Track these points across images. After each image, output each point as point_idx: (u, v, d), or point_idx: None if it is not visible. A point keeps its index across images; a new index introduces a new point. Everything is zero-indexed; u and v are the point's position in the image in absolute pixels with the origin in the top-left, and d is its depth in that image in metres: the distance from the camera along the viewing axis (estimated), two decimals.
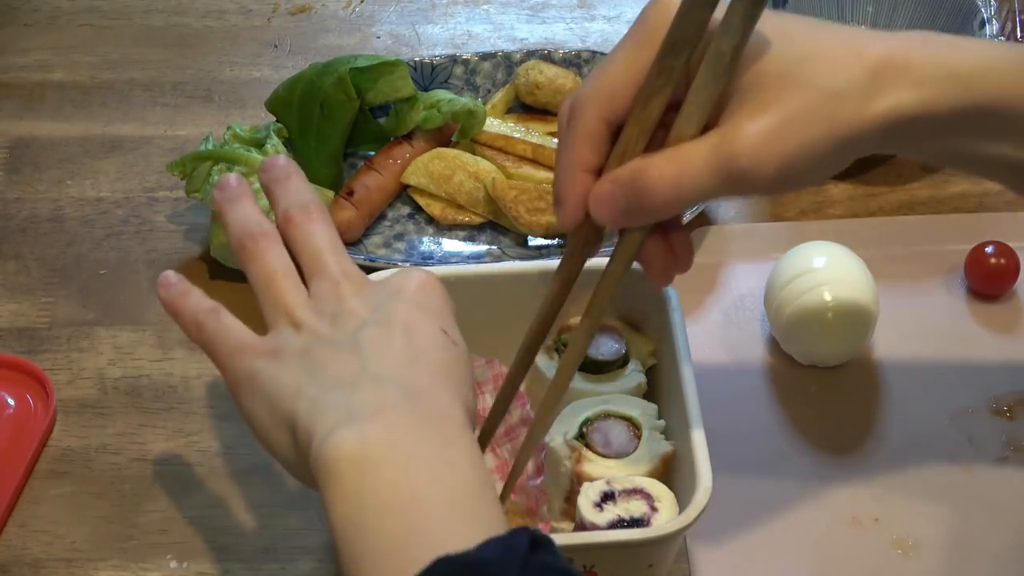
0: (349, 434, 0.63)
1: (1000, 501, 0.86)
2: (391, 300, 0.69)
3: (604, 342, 0.86)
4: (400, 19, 1.23)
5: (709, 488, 0.75)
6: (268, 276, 0.71)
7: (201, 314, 0.72)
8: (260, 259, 0.72)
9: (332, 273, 0.71)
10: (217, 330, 0.71)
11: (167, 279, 0.74)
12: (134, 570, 0.85)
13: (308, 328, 0.69)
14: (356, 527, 0.61)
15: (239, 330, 0.71)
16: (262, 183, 0.77)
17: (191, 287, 0.74)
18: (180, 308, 0.73)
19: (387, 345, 0.67)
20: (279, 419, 0.67)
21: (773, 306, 0.93)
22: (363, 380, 0.66)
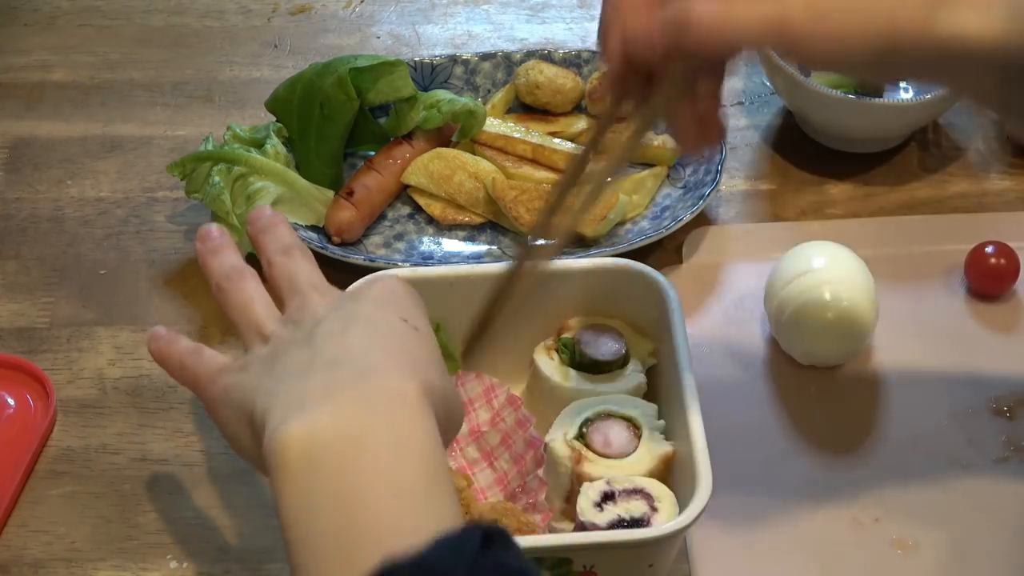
0: (297, 424, 0.62)
1: (1000, 501, 0.86)
2: (351, 300, 0.71)
3: (604, 342, 0.86)
4: (400, 19, 1.23)
5: (709, 488, 0.75)
6: (243, 304, 0.74)
7: (186, 356, 0.74)
8: (236, 292, 0.74)
9: (301, 287, 0.73)
10: (197, 364, 0.73)
11: (158, 333, 0.77)
12: (134, 570, 0.85)
13: (274, 336, 0.71)
14: (304, 522, 0.60)
15: (216, 358, 0.73)
16: (250, 236, 0.78)
17: (181, 337, 0.76)
18: (167, 355, 0.76)
19: (341, 334, 0.68)
20: (243, 419, 0.68)
21: (773, 306, 0.93)
22: (316, 366, 0.66)
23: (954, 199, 1.06)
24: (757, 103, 1.14)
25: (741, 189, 1.07)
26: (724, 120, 0.76)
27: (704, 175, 1.03)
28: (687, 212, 1.00)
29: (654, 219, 1.02)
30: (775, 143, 1.11)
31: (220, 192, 0.99)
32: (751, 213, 1.05)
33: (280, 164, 1.02)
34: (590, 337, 0.86)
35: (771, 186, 1.07)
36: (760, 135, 1.11)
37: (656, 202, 1.04)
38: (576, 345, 0.86)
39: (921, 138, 1.10)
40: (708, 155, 1.04)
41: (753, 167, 1.09)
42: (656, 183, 1.05)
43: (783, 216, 1.05)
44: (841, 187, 1.07)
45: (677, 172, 1.06)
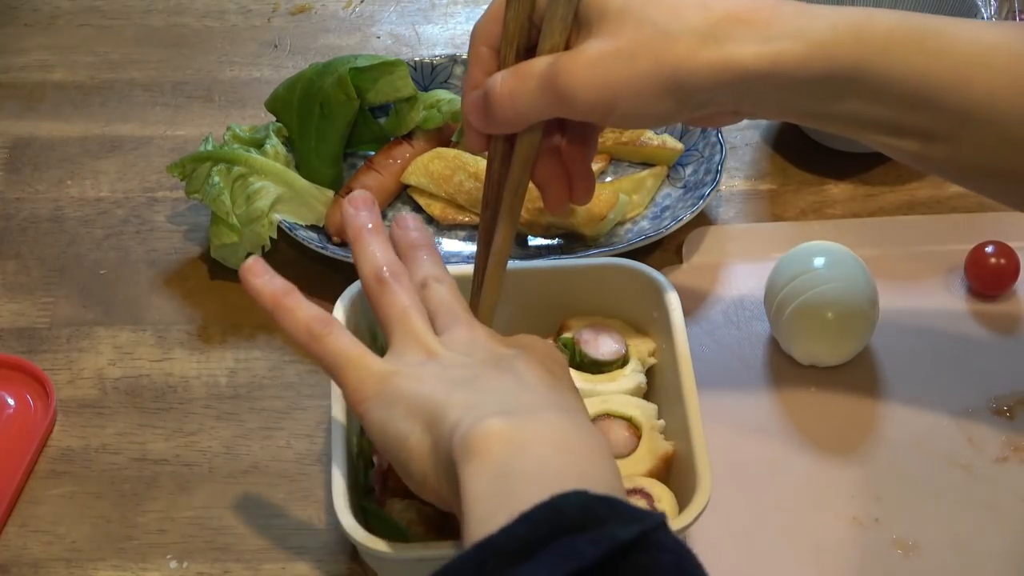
0: (503, 420, 0.63)
1: (1000, 501, 0.86)
2: (526, 349, 0.72)
3: (604, 342, 0.86)
4: (400, 19, 1.23)
5: (709, 488, 0.75)
6: (403, 311, 0.73)
7: (316, 324, 0.72)
8: (398, 294, 0.74)
9: (466, 321, 0.74)
10: (338, 350, 0.72)
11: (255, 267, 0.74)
12: (134, 570, 0.85)
13: (443, 356, 0.71)
14: (493, 491, 0.60)
15: (362, 352, 0.72)
16: (394, 237, 0.78)
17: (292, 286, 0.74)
18: (288, 309, 0.73)
19: (539, 370, 0.69)
20: (418, 420, 0.67)
21: (773, 306, 0.93)
22: (514, 390, 0.67)
23: (954, 199, 1.06)
24: None
25: (741, 189, 1.07)
26: (590, 179, 0.79)
27: (704, 175, 1.03)
28: (687, 212, 1.00)
29: (654, 219, 1.02)
30: (775, 143, 1.11)
31: (220, 192, 0.99)
32: (751, 213, 1.05)
33: (280, 164, 1.02)
34: (590, 337, 0.86)
35: (771, 186, 1.07)
36: (760, 135, 1.11)
37: (656, 202, 1.04)
38: (576, 345, 0.86)
39: None
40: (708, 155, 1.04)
41: (753, 167, 1.09)
42: (656, 183, 1.05)
43: (783, 216, 1.05)
44: (841, 187, 1.07)
45: (677, 172, 1.06)
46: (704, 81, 0.69)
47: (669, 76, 0.69)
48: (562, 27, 0.72)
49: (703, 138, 1.06)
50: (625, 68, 0.69)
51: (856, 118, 0.71)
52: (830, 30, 0.69)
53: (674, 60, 0.69)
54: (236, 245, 0.98)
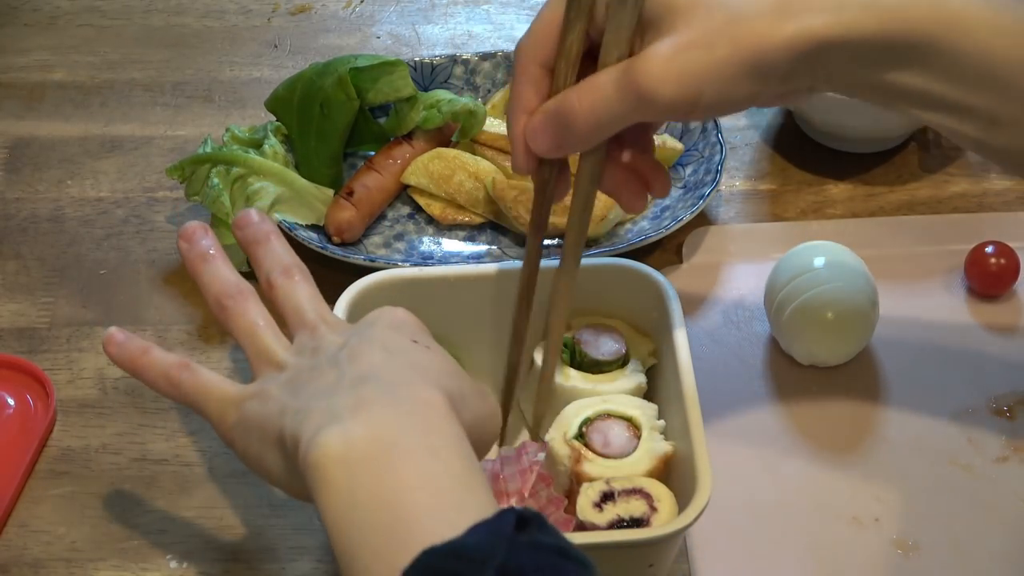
0: (333, 434, 0.63)
1: (1000, 501, 0.86)
2: (365, 328, 0.72)
3: (604, 342, 0.86)
4: (400, 19, 1.23)
5: (709, 488, 0.75)
6: (250, 329, 0.74)
7: (173, 371, 0.74)
8: (241, 315, 0.75)
9: (311, 320, 0.74)
10: (196, 387, 0.74)
11: (113, 337, 0.76)
12: (134, 570, 0.85)
13: (290, 364, 0.72)
14: (348, 525, 0.62)
15: (219, 384, 0.73)
16: (238, 240, 0.79)
17: (148, 344, 0.76)
18: (143, 368, 0.75)
19: (363, 354, 0.69)
20: (269, 442, 0.69)
21: (773, 306, 0.93)
22: (343, 385, 0.67)
23: (954, 199, 1.06)
24: None
25: (741, 189, 1.07)
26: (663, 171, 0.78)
27: (704, 175, 1.03)
28: (687, 212, 1.00)
29: (654, 219, 1.02)
30: (775, 143, 1.11)
31: (219, 194, 0.99)
32: (751, 213, 1.05)
33: (279, 164, 1.02)
34: (590, 337, 0.86)
35: (771, 186, 1.07)
36: (760, 135, 1.11)
37: (656, 202, 1.04)
38: (576, 345, 0.86)
39: (921, 138, 1.10)
40: (708, 155, 1.04)
41: (753, 167, 1.09)
42: None
43: (783, 216, 1.05)
44: (841, 187, 1.07)
45: (677, 172, 1.06)
46: (784, 56, 0.68)
47: (750, 57, 0.68)
48: (628, 35, 0.71)
49: (703, 138, 1.06)
50: (705, 57, 0.68)
51: (923, 95, 0.70)
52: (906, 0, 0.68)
53: (752, 40, 0.68)
54: (237, 246, 0.98)
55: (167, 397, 0.75)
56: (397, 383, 0.67)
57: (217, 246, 0.78)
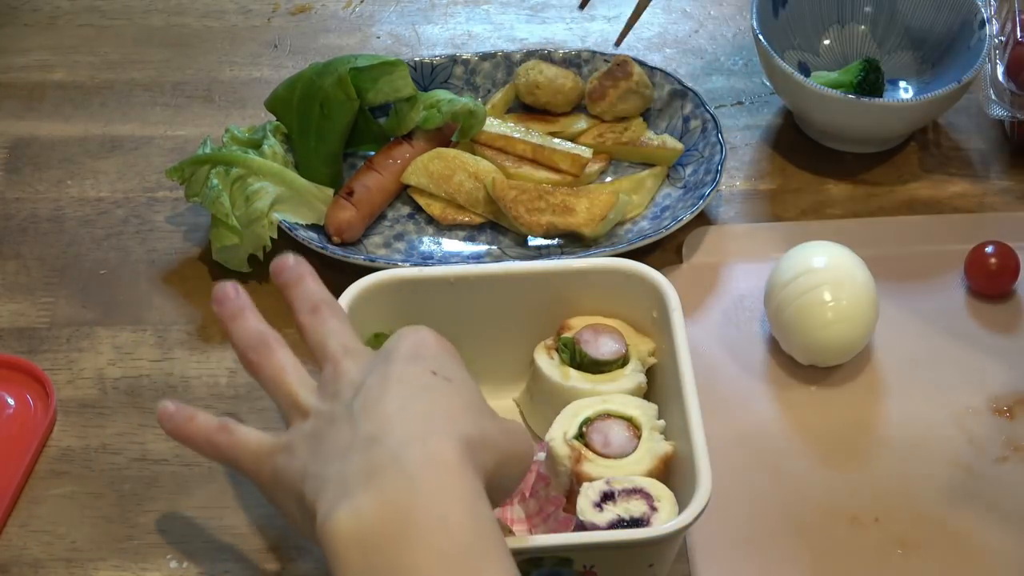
0: (344, 512, 0.64)
1: (1000, 501, 0.86)
2: (384, 362, 0.72)
3: (604, 342, 0.86)
4: (400, 19, 1.23)
5: (709, 488, 0.75)
6: (275, 377, 0.75)
7: (213, 435, 0.75)
8: (266, 364, 0.75)
9: (333, 353, 0.74)
10: (233, 445, 0.75)
11: (166, 410, 0.77)
12: (134, 570, 0.85)
13: (314, 411, 0.72)
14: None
15: (255, 439, 0.74)
16: (278, 286, 0.79)
17: (194, 411, 0.77)
18: (190, 435, 0.76)
19: (377, 404, 0.69)
20: (294, 502, 0.70)
21: (773, 306, 0.93)
22: (355, 447, 0.67)
23: (954, 199, 1.06)
24: (757, 103, 1.14)
25: (741, 189, 1.07)
26: None
27: (704, 175, 1.03)
28: (687, 212, 1.00)
29: (654, 219, 1.02)
30: (775, 143, 1.11)
31: (219, 195, 0.99)
32: (751, 213, 1.05)
33: (278, 163, 1.02)
34: (590, 337, 0.86)
35: (771, 186, 1.07)
36: (760, 135, 1.11)
37: (656, 202, 1.04)
38: (576, 345, 0.86)
39: (921, 138, 1.10)
40: (708, 155, 1.04)
41: (753, 167, 1.09)
42: (656, 183, 1.05)
43: (783, 216, 1.05)
44: (841, 187, 1.07)
45: (677, 172, 1.06)
46: None
47: None
48: None
49: (703, 138, 1.06)
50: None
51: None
52: None
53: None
54: (237, 247, 0.98)
55: (213, 460, 0.77)
56: (409, 441, 0.66)
57: (248, 302, 0.78)
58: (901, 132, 1.08)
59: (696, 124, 1.07)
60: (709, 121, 1.06)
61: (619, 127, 1.07)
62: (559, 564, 0.76)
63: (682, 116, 1.08)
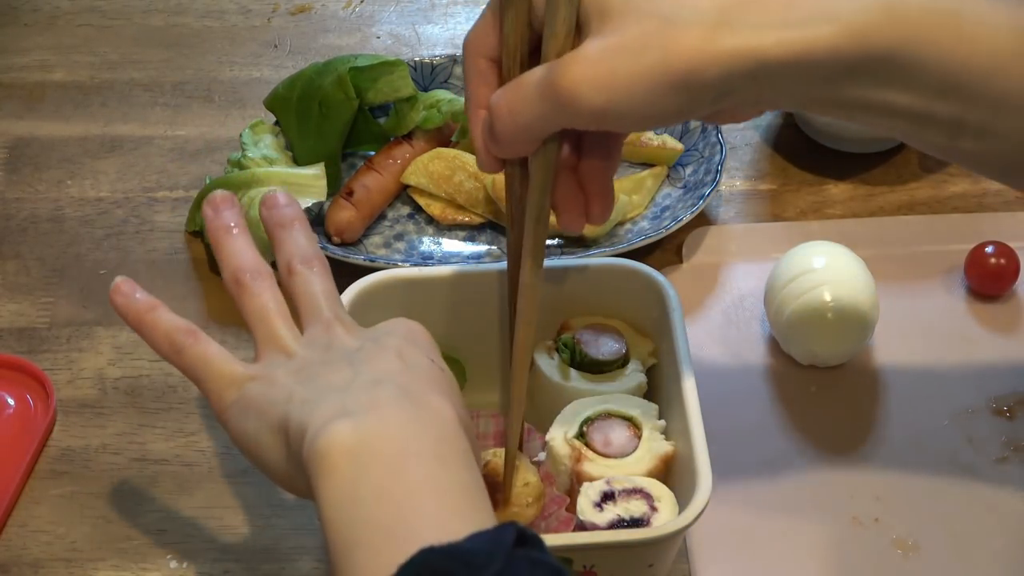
0: (344, 425, 0.63)
1: (1000, 501, 0.86)
2: (382, 335, 0.71)
3: (604, 342, 0.86)
4: (400, 19, 1.23)
5: (709, 488, 0.75)
6: (262, 311, 0.72)
7: (177, 335, 0.72)
8: (256, 296, 0.73)
9: (325, 317, 0.72)
10: (199, 356, 0.72)
11: (120, 287, 0.74)
12: (134, 570, 0.85)
13: (300, 355, 0.70)
14: (348, 517, 0.61)
15: (222, 359, 0.71)
16: (263, 218, 0.77)
17: (157, 301, 0.74)
18: (150, 325, 0.73)
19: (380, 359, 0.68)
20: (268, 426, 0.68)
21: (773, 306, 0.93)
22: (357, 383, 0.66)
23: (954, 199, 1.06)
24: None
25: (741, 189, 1.07)
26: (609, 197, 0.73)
27: (704, 175, 1.03)
28: (687, 212, 1.00)
29: (654, 219, 1.02)
30: (775, 143, 1.11)
31: None
32: (751, 213, 1.05)
33: (274, 159, 1.02)
34: (590, 337, 0.86)
35: (771, 186, 1.07)
36: (760, 135, 1.11)
37: (656, 202, 1.04)
38: (576, 345, 0.86)
39: None
40: (708, 155, 1.04)
41: (753, 167, 1.09)
42: (656, 183, 1.05)
43: (783, 216, 1.05)
44: (841, 187, 1.07)
45: (677, 172, 1.06)
46: (717, 73, 0.63)
47: (680, 70, 0.63)
48: (566, 29, 0.66)
49: (703, 138, 1.06)
50: (631, 64, 0.63)
51: (884, 107, 0.66)
52: (860, 12, 0.63)
53: (685, 52, 0.62)
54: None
55: (167, 360, 0.73)
56: (412, 390, 0.66)
57: (242, 223, 0.76)
58: None
59: (696, 124, 1.07)
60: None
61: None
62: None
63: None
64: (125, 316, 0.74)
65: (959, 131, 0.67)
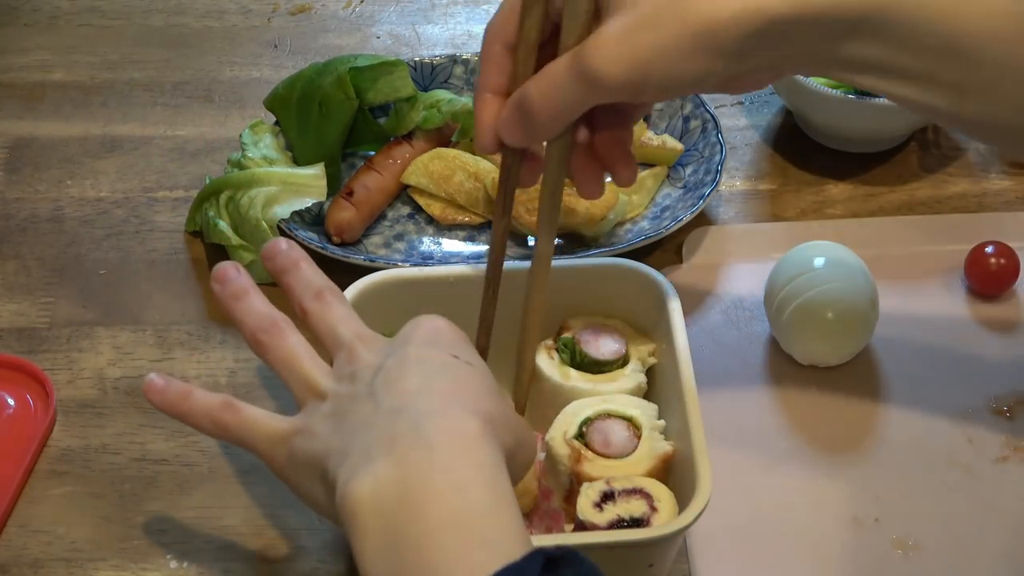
0: (363, 479, 0.64)
1: (1000, 501, 0.86)
2: (402, 345, 0.71)
3: (604, 342, 0.86)
4: (400, 19, 1.23)
5: (709, 488, 0.75)
6: (287, 360, 0.74)
7: (217, 412, 0.74)
8: (277, 348, 0.74)
9: (346, 340, 0.74)
10: (242, 425, 0.74)
11: (154, 384, 0.76)
12: (134, 570, 0.85)
13: (331, 393, 0.72)
14: (379, 568, 0.62)
15: (266, 420, 0.73)
16: (270, 271, 0.78)
17: (188, 387, 0.76)
18: (188, 412, 0.75)
19: (399, 380, 0.69)
20: (316, 479, 0.69)
21: (773, 306, 0.93)
22: (378, 418, 0.67)
23: (954, 199, 1.06)
24: (757, 103, 1.14)
25: (741, 189, 1.07)
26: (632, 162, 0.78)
27: (704, 175, 1.03)
28: (687, 212, 1.00)
29: (654, 219, 1.02)
30: (775, 143, 1.11)
31: (215, 224, 0.99)
32: (751, 213, 1.05)
33: (274, 159, 1.02)
34: (590, 337, 0.86)
35: (771, 186, 1.07)
36: (760, 135, 1.11)
37: (656, 202, 1.04)
38: (576, 345, 0.86)
39: (921, 138, 1.10)
40: (708, 155, 1.04)
41: (753, 167, 1.09)
42: (656, 183, 1.05)
43: (783, 216, 1.05)
44: (841, 187, 1.07)
45: (677, 172, 1.06)
46: (733, 33, 0.67)
47: (698, 33, 0.67)
48: (585, 18, 0.71)
49: (703, 138, 1.06)
50: (651, 35, 0.67)
51: (886, 67, 0.69)
52: None
53: (700, 16, 0.67)
54: (255, 262, 0.98)
55: (215, 438, 0.76)
56: (431, 412, 0.66)
57: (250, 282, 0.77)
58: (901, 132, 1.08)
59: (696, 124, 1.07)
60: (709, 121, 1.06)
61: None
62: None
63: (682, 116, 1.08)
64: (164, 411, 0.76)
65: (961, 95, 0.69)
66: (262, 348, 0.75)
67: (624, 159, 0.77)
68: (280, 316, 0.76)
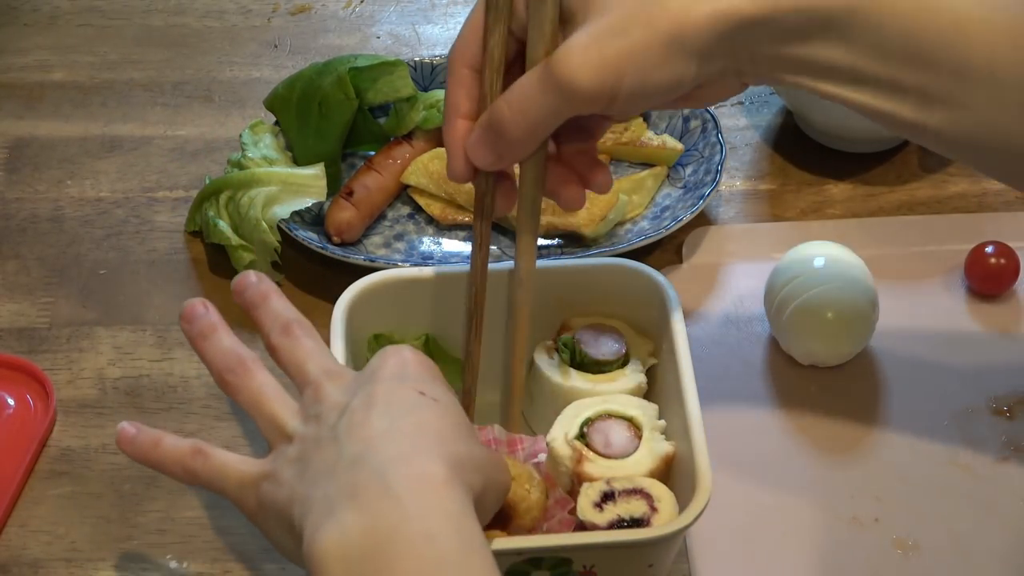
0: (329, 530, 0.63)
1: (1000, 501, 0.86)
2: (368, 382, 0.70)
3: (604, 342, 0.86)
4: (400, 19, 1.23)
5: (709, 488, 0.75)
6: (255, 400, 0.73)
7: (188, 460, 0.73)
8: (245, 388, 0.73)
9: (313, 377, 0.72)
10: (212, 471, 0.72)
11: (126, 433, 0.75)
12: (134, 570, 0.85)
13: (298, 435, 0.70)
14: None
15: (235, 465, 0.72)
16: (240, 306, 0.77)
17: (159, 433, 0.74)
18: (159, 460, 0.74)
19: (363, 425, 0.67)
20: (284, 528, 0.68)
21: (773, 306, 0.93)
22: (340, 467, 0.66)
23: (954, 199, 1.06)
24: (757, 103, 1.14)
25: (741, 189, 1.07)
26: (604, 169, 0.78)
27: (704, 175, 1.03)
28: (687, 212, 1.00)
29: (654, 219, 1.02)
30: (775, 143, 1.11)
31: (215, 224, 0.99)
32: (751, 213, 1.05)
33: (275, 159, 1.02)
34: (590, 337, 0.86)
35: (771, 186, 1.07)
36: (760, 135, 1.11)
37: (656, 202, 1.04)
38: (576, 345, 0.86)
39: None
40: (708, 155, 1.04)
41: (753, 167, 1.09)
42: (656, 183, 1.05)
43: (783, 216, 1.05)
44: (841, 187, 1.07)
45: (677, 172, 1.06)
46: (703, 36, 0.67)
47: (668, 38, 0.67)
48: (551, 29, 0.70)
49: (703, 138, 1.06)
50: (622, 41, 0.67)
51: (850, 73, 0.68)
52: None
53: (669, 21, 0.67)
54: (255, 261, 0.98)
55: (188, 484, 0.75)
56: (395, 460, 0.65)
57: (218, 319, 0.76)
58: None
59: (696, 124, 1.07)
60: (709, 121, 1.06)
61: (619, 127, 1.07)
62: (559, 564, 0.76)
63: (682, 116, 1.08)
64: (137, 460, 0.75)
65: (925, 103, 0.68)
66: (230, 389, 0.73)
67: (595, 167, 0.77)
68: (248, 354, 0.74)
